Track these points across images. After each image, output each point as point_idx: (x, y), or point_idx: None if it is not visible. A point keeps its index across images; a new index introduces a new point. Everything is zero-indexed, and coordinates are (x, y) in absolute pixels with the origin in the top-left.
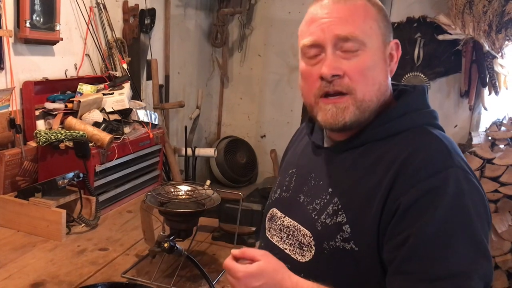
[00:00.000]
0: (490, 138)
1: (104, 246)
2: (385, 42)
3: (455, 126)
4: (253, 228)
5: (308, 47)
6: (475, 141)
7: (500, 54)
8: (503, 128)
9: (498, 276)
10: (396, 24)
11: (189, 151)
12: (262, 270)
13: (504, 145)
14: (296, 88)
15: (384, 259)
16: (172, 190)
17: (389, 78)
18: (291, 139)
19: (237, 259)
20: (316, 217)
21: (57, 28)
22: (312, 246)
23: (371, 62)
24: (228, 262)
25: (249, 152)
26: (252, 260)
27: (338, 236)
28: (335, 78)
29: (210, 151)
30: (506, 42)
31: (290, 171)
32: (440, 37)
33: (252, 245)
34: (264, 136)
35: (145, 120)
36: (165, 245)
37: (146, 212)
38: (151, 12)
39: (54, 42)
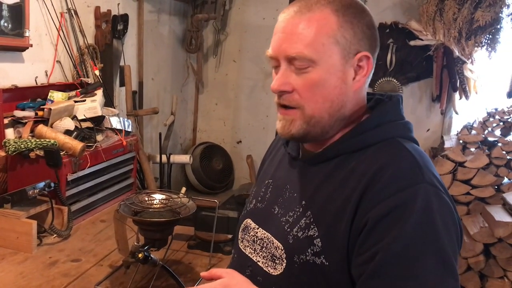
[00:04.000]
0: (461, 141)
1: (77, 257)
2: (346, 56)
3: (428, 130)
4: (230, 236)
5: (269, 58)
6: (447, 144)
7: (470, 60)
8: (473, 132)
9: (471, 278)
10: None
11: (164, 158)
12: (225, 284)
13: (475, 149)
14: (271, 94)
15: (352, 275)
16: (146, 198)
17: (357, 91)
18: (269, 148)
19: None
20: (289, 229)
21: (26, 34)
22: (284, 259)
23: (320, 79)
24: None
25: (225, 158)
26: (218, 278)
27: (309, 250)
28: (284, 93)
29: (185, 158)
30: (476, 48)
31: (266, 181)
32: (412, 42)
33: (228, 253)
34: (240, 141)
35: (118, 127)
36: (139, 255)
37: (120, 222)
38: (124, 18)
39: (23, 49)
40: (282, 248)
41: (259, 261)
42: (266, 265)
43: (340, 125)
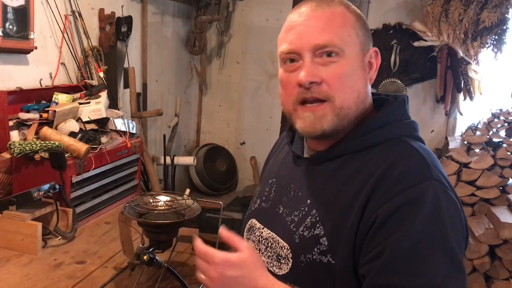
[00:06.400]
0: (466, 142)
1: (82, 259)
2: (363, 50)
3: (432, 131)
4: None
5: (286, 54)
6: (452, 145)
7: (475, 61)
8: (478, 133)
9: (476, 279)
10: (372, 31)
11: (168, 159)
12: (243, 261)
13: (480, 150)
14: (275, 95)
15: (360, 273)
16: (151, 200)
17: (369, 87)
18: (273, 147)
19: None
20: (294, 229)
21: (31, 36)
22: (290, 259)
23: (349, 69)
24: (203, 246)
25: (228, 159)
26: (235, 249)
27: (316, 249)
28: (312, 85)
29: (189, 160)
30: (481, 49)
31: (270, 181)
32: (416, 43)
33: None
34: (244, 143)
35: (123, 129)
36: (145, 257)
37: (125, 224)
38: (128, 20)
39: (28, 51)
40: (288, 247)
41: (264, 261)
42: (272, 265)
43: (354, 121)
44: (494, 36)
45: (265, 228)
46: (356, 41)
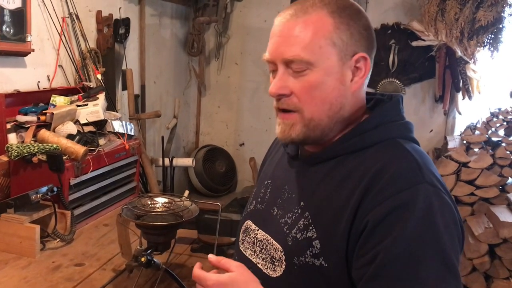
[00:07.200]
0: (465, 142)
1: (80, 262)
2: (343, 59)
3: (431, 131)
4: (233, 239)
5: (267, 63)
6: (451, 145)
7: (472, 60)
8: (477, 132)
9: (476, 279)
10: None
11: (167, 161)
12: (233, 280)
13: (479, 149)
14: None
15: (353, 277)
16: (149, 202)
17: (356, 93)
18: (269, 149)
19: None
20: (288, 231)
21: (28, 39)
22: (283, 261)
23: (319, 82)
24: (198, 271)
25: (228, 160)
26: (225, 270)
27: (308, 252)
28: (282, 97)
29: (188, 161)
30: (478, 48)
31: (266, 182)
32: (414, 43)
33: (232, 256)
34: (243, 144)
35: (121, 131)
36: (142, 259)
37: (123, 226)
38: (126, 22)
39: (25, 54)
40: (282, 250)
41: (258, 263)
42: (266, 267)
43: (339, 127)
44: (490, 35)
45: (259, 230)
46: (330, 52)
